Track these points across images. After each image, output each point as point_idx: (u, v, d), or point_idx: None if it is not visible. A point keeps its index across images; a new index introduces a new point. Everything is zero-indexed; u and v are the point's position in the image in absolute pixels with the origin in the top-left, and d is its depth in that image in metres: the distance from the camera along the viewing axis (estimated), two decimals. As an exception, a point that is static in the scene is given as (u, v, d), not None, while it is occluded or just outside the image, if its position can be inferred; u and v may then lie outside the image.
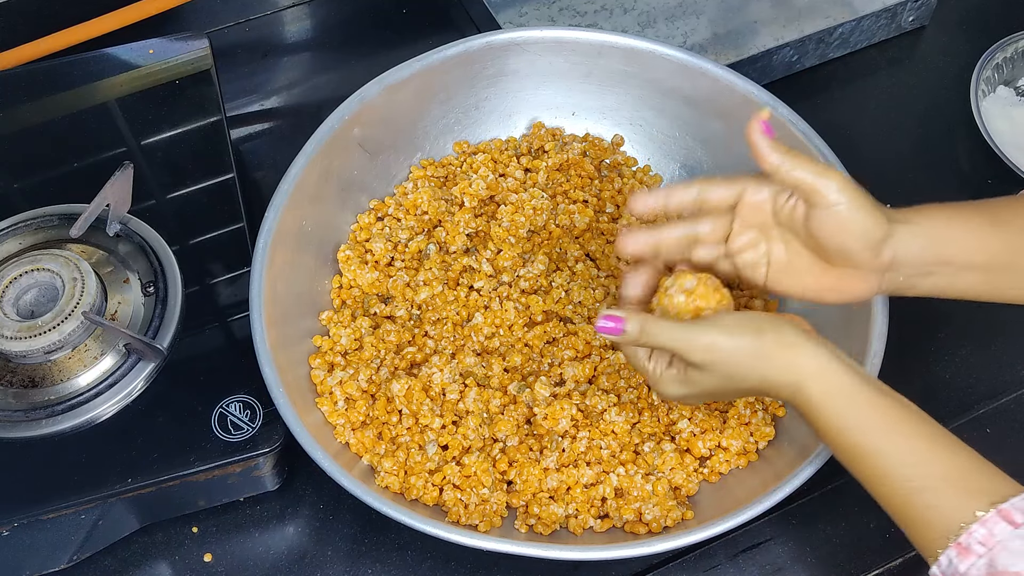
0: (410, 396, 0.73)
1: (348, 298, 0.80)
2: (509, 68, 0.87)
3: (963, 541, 0.53)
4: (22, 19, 1.00)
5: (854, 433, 0.57)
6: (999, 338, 0.85)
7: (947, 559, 0.53)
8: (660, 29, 0.98)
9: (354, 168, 0.83)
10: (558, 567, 0.73)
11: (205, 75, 0.89)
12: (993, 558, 0.52)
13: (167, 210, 0.83)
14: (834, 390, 0.58)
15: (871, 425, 0.57)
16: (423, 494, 0.71)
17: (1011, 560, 0.51)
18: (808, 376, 0.58)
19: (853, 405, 0.58)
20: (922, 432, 0.57)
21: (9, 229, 0.80)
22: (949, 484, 0.55)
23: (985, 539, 0.52)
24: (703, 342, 0.59)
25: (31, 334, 0.71)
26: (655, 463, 0.73)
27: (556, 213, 0.84)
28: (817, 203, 0.59)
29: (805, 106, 0.82)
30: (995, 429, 0.80)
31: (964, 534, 0.53)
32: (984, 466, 0.56)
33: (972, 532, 0.53)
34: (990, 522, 0.52)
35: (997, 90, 0.98)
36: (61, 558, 0.70)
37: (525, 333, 0.78)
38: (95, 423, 0.71)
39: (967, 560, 0.52)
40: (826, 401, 0.58)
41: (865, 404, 0.58)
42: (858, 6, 0.99)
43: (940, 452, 0.56)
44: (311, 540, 0.75)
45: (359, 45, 1.05)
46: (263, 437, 0.71)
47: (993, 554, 0.52)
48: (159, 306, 0.76)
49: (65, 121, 0.89)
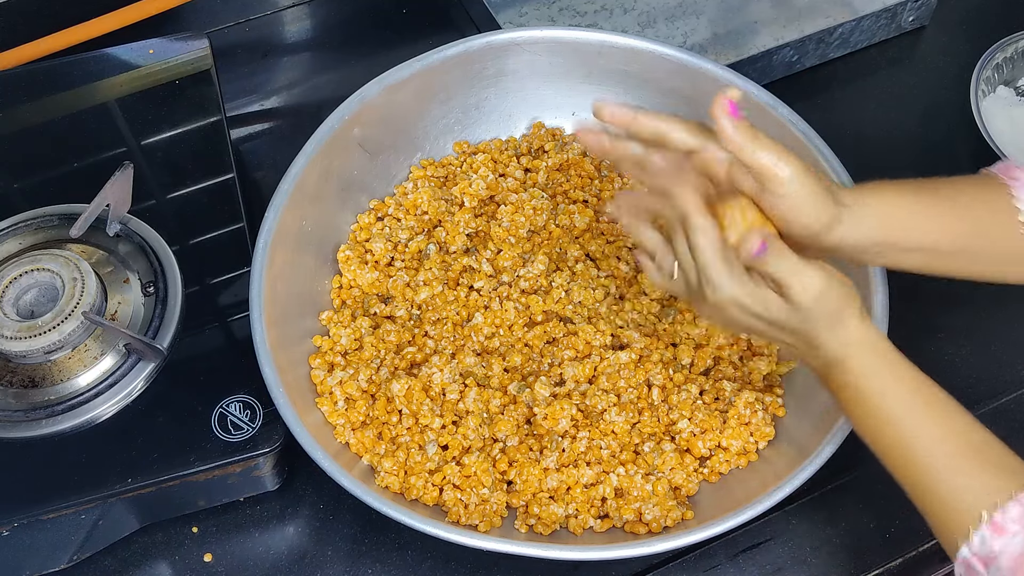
0: (410, 396, 0.73)
1: (348, 298, 0.80)
2: (509, 68, 0.87)
3: (998, 519, 0.53)
4: (22, 19, 1.00)
5: (892, 409, 0.58)
6: (999, 338, 0.85)
7: (979, 539, 0.53)
8: (660, 29, 0.98)
9: (354, 168, 0.83)
10: (558, 567, 0.73)
11: (205, 75, 0.89)
12: None
13: (167, 210, 0.83)
14: (883, 362, 0.59)
15: (908, 402, 0.58)
16: (423, 494, 0.71)
17: None
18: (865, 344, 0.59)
19: (894, 379, 0.59)
20: (954, 414, 0.58)
21: (9, 229, 0.80)
22: (980, 465, 0.56)
23: (1020, 517, 0.52)
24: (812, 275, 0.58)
25: (31, 334, 0.71)
26: (655, 463, 0.73)
27: (556, 213, 0.84)
28: (768, 187, 0.58)
29: (805, 106, 0.82)
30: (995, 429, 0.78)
31: (998, 512, 0.53)
32: (1011, 451, 0.57)
33: (1007, 510, 0.53)
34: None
35: (997, 90, 0.98)
36: (61, 558, 0.70)
37: (525, 333, 0.78)
38: (95, 423, 0.71)
39: (1002, 538, 0.52)
40: (875, 370, 0.59)
41: (908, 381, 0.59)
42: (858, 6, 0.99)
43: (971, 435, 0.57)
44: (311, 540, 0.75)
45: (359, 45, 1.05)
46: (263, 437, 0.71)
47: None
48: (159, 306, 0.76)
49: (65, 121, 0.89)
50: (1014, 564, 0.52)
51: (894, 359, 0.60)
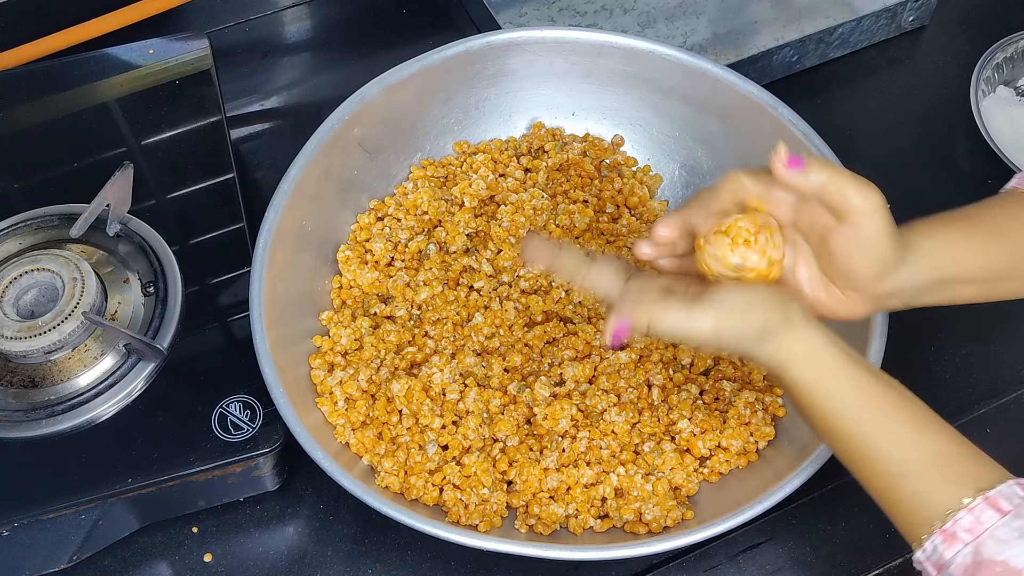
0: (410, 396, 0.73)
1: (348, 298, 0.80)
2: (509, 68, 0.87)
3: (949, 528, 0.53)
4: (22, 19, 1.00)
5: (838, 417, 0.57)
6: (999, 338, 0.85)
7: (932, 545, 0.53)
8: (660, 29, 0.98)
9: (354, 168, 0.83)
10: (558, 567, 0.73)
11: (205, 75, 0.89)
12: (979, 546, 0.52)
13: (167, 210, 0.83)
14: (822, 372, 0.57)
15: (857, 408, 0.57)
16: (423, 494, 0.71)
17: (997, 548, 0.51)
18: (799, 357, 0.57)
19: (840, 388, 0.57)
20: (910, 417, 0.56)
21: (9, 229, 0.80)
22: (935, 470, 0.55)
23: (972, 527, 0.52)
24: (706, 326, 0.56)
25: (31, 334, 0.71)
26: (655, 463, 0.73)
27: (556, 213, 0.84)
28: (849, 220, 0.57)
29: (805, 106, 0.82)
30: (995, 429, 0.80)
31: (950, 521, 0.53)
32: (972, 452, 0.56)
33: (959, 519, 0.52)
34: (977, 509, 0.52)
35: (997, 90, 0.98)
36: (61, 558, 0.70)
37: (525, 333, 0.78)
38: (95, 423, 0.71)
39: (953, 547, 0.52)
40: (813, 382, 0.57)
41: (852, 387, 0.57)
42: (858, 6, 0.99)
43: (927, 437, 0.56)
44: (311, 540, 0.75)
45: (359, 45, 1.05)
46: (263, 437, 0.71)
47: (979, 542, 0.52)
48: (159, 306, 0.76)
49: (65, 121, 0.89)
50: (964, 571, 0.52)
51: (836, 364, 0.57)
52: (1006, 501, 0.52)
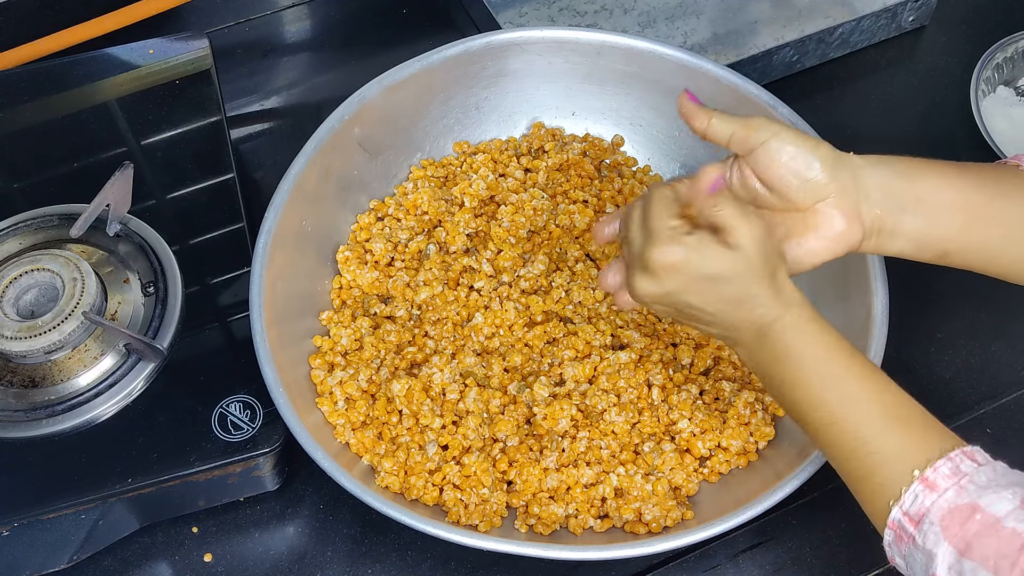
0: (410, 396, 0.73)
1: (348, 298, 0.80)
2: (509, 68, 0.87)
3: (929, 476, 0.53)
4: (22, 19, 1.00)
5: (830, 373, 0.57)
6: (999, 338, 0.85)
7: (912, 496, 0.53)
8: (660, 29, 0.98)
9: (354, 168, 0.83)
10: (558, 567, 0.73)
11: (205, 75, 0.89)
12: (960, 489, 0.52)
13: (167, 210, 0.83)
14: (816, 326, 0.58)
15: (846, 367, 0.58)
16: (423, 494, 0.71)
17: (978, 493, 0.51)
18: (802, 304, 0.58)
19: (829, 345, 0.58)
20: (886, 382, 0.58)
21: (9, 229, 0.80)
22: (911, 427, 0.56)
23: (952, 472, 0.53)
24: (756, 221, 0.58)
25: (31, 334, 0.71)
26: (655, 463, 0.73)
27: (556, 213, 0.84)
28: (749, 147, 0.59)
29: (805, 106, 0.82)
30: (995, 429, 0.80)
31: (930, 469, 0.53)
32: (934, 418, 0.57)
33: (938, 467, 0.53)
34: (955, 459, 0.53)
35: (997, 90, 0.98)
36: (61, 558, 0.70)
37: (525, 333, 0.78)
38: (95, 423, 0.71)
39: (933, 494, 0.52)
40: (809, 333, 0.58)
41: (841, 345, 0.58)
42: (858, 6, 0.99)
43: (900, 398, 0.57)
44: (311, 540, 0.75)
45: (359, 45, 1.05)
46: (263, 437, 0.71)
47: (961, 485, 0.52)
48: (159, 306, 0.76)
49: (65, 121, 0.89)
50: (944, 517, 0.52)
51: (825, 324, 0.59)
52: (980, 455, 0.54)
